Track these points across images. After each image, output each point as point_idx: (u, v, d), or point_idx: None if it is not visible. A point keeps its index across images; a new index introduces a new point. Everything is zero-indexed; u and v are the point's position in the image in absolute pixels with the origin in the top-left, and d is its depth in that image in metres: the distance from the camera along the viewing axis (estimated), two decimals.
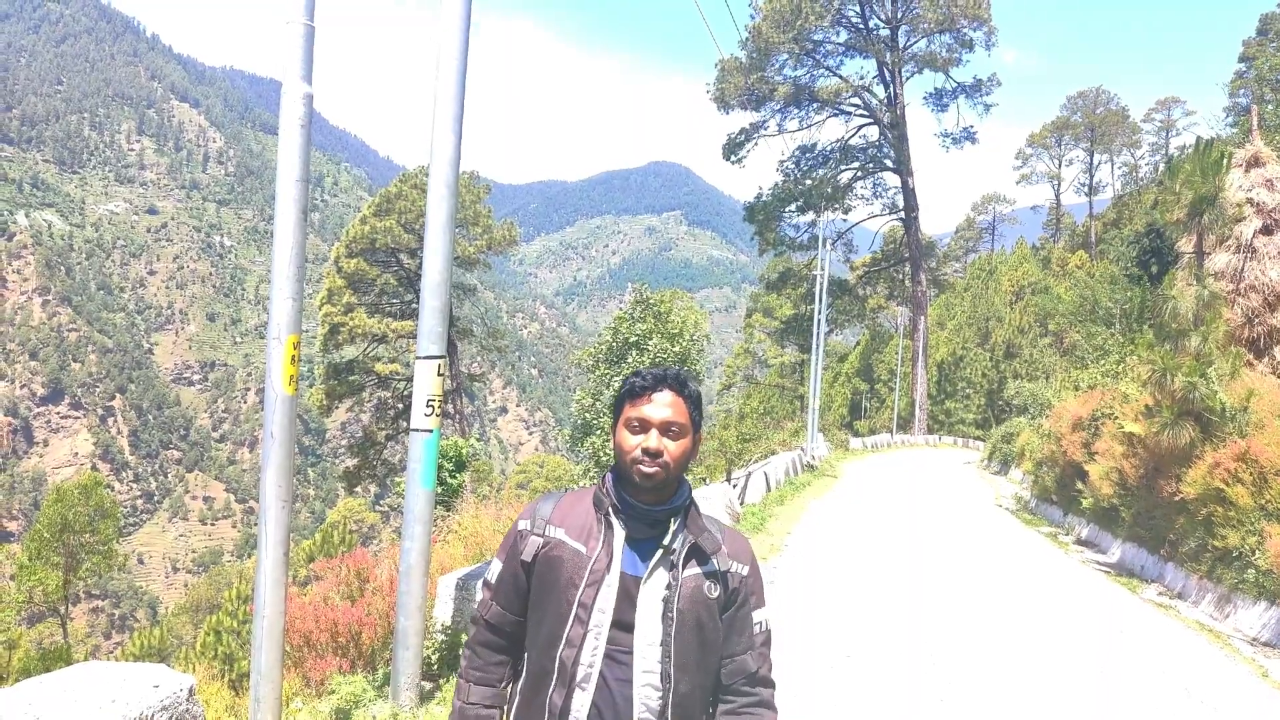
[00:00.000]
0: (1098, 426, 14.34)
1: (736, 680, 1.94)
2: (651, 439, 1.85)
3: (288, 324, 3.69)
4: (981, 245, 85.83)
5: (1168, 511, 10.72)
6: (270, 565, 3.65)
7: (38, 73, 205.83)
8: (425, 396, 4.55)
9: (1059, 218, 79.40)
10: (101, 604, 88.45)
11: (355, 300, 35.23)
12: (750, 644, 1.96)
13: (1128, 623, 8.63)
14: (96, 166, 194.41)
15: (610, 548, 1.85)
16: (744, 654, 1.95)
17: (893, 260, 61.78)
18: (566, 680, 1.80)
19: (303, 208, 3.63)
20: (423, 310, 4.41)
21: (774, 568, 10.53)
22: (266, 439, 3.69)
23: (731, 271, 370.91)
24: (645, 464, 1.84)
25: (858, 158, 54.87)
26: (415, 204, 34.67)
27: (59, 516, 19.79)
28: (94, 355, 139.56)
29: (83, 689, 2.73)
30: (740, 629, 1.94)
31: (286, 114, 3.58)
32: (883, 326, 70.17)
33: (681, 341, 22.59)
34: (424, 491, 4.66)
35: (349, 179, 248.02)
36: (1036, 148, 76.08)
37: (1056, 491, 17.01)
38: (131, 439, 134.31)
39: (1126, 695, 6.16)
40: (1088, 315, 32.95)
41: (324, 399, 37.09)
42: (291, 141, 3.56)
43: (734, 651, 1.93)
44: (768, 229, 54.06)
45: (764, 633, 2.00)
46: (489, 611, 1.98)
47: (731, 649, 1.93)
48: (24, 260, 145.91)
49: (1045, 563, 12.31)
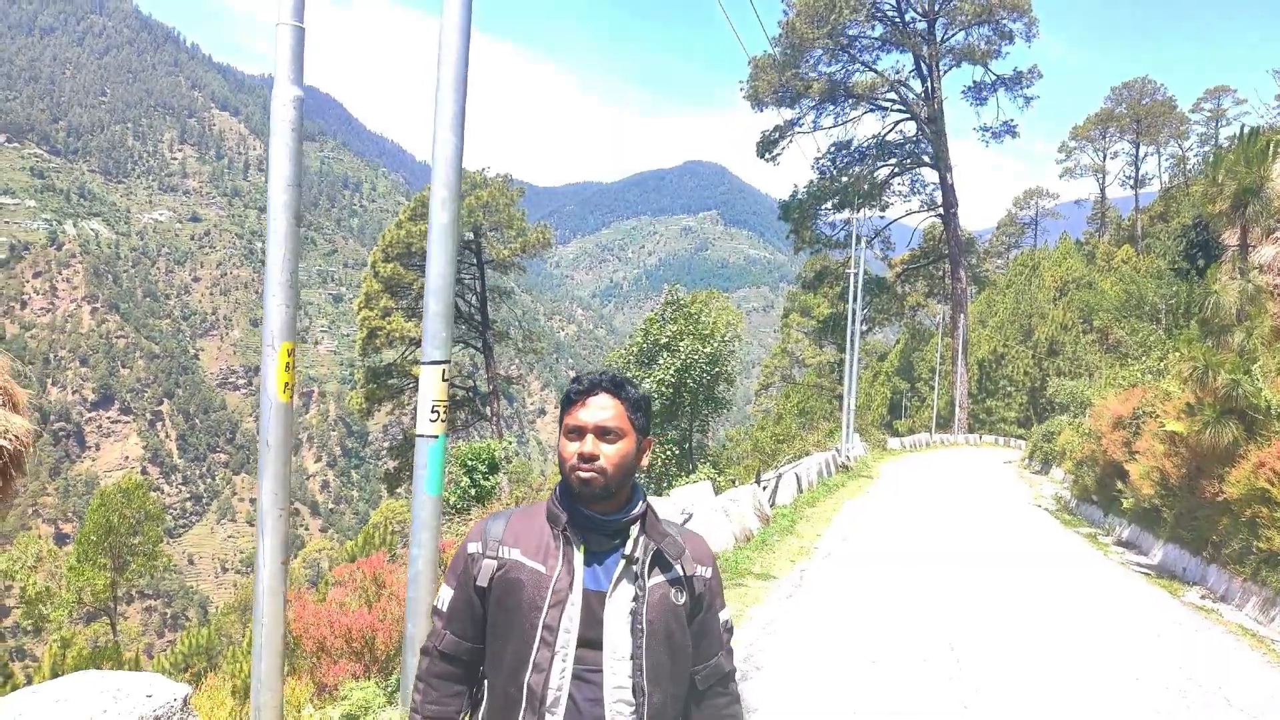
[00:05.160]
0: (1139, 425, 13.99)
1: (713, 683, 1.93)
2: (587, 444, 1.80)
3: (281, 331, 3.67)
4: (1024, 241, 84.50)
5: (1210, 512, 10.40)
6: (268, 575, 3.64)
7: (82, 84, 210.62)
8: (430, 402, 4.52)
9: (1104, 212, 77.81)
10: (154, 603, 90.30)
11: (392, 304, 35.62)
12: (720, 644, 1.95)
13: (1166, 626, 8.38)
14: (141, 176, 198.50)
15: (571, 564, 1.79)
16: (716, 656, 1.94)
17: (932, 257, 61.04)
18: (536, 706, 1.73)
19: (295, 213, 3.61)
20: (426, 315, 4.37)
21: (801, 571, 10.40)
22: (263, 448, 3.68)
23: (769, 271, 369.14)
24: (581, 470, 1.78)
25: (895, 154, 54.29)
26: None
27: (104, 519, 20.29)
28: (142, 361, 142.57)
29: (75, 699, 2.71)
30: (709, 632, 1.93)
31: (277, 117, 3.55)
32: (922, 324, 69.33)
33: (713, 342, 22.47)
34: (430, 498, 4.63)
35: (386, 184, 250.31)
36: (1080, 141, 74.62)
37: (1097, 491, 16.64)
38: (180, 443, 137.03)
39: (1162, 703, 5.96)
40: (1133, 311, 32.29)
41: (364, 402, 37.59)
42: (282, 145, 3.54)
43: (706, 656, 1.92)
44: (803, 227, 53.70)
45: (729, 631, 2.00)
46: (443, 641, 1.89)
47: (704, 653, 1.91)
48: (73, 269, 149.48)
49: (1083, 564, 12.02)
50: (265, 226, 3.61)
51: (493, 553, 1.84)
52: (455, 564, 1.91)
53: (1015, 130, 52.66)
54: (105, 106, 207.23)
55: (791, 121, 52.60)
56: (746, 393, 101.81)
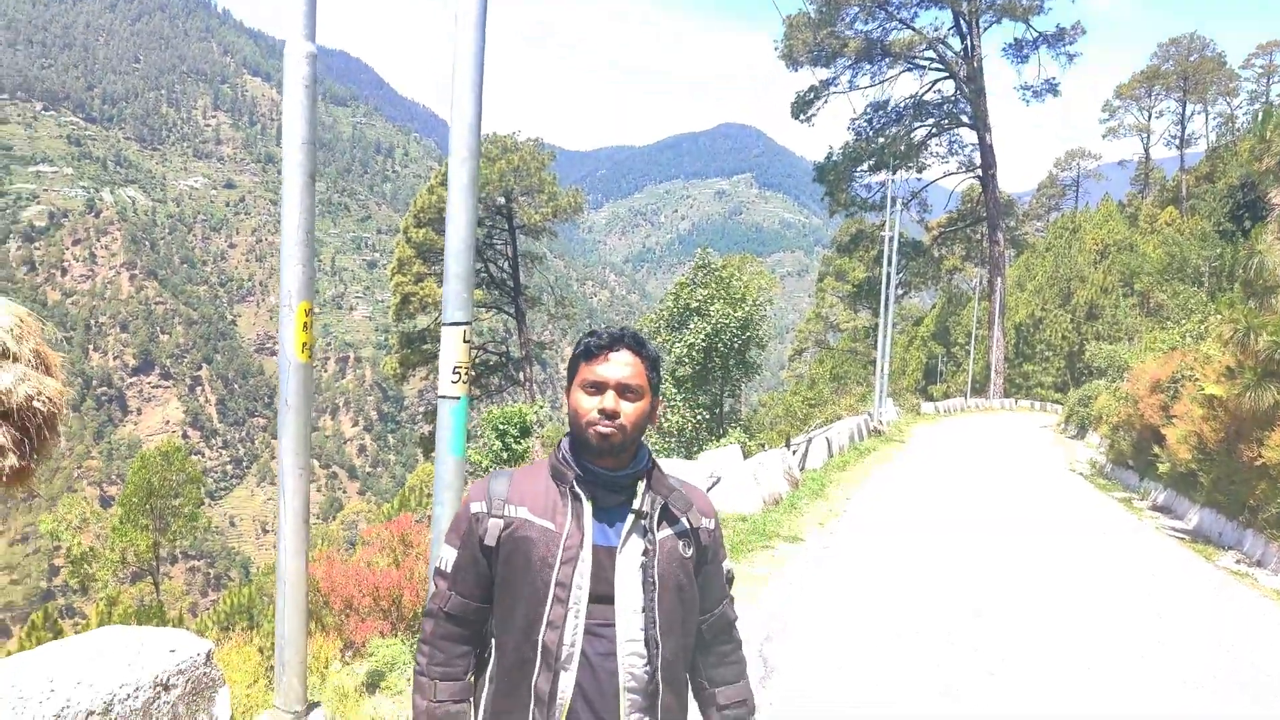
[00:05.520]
0: (1177, 389, 13.76)
1: (719, 631, 1.96)
2: (608, 400, 1.78)
3: (299, 290, 3.68)
4: (1064, 203, 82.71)
5: (1248, 477, 10.23)
6: (289, 533, 3.69)
7: (116, 51, 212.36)
8: (451, 363, 4.53)
9: (1147, 172, 75.88)
10: (198, 564, 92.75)
11: (425, 270, 35.79)
12: (724, 593, 1.98)
13: (1199, 591, 8.29)
14: (175, 143, 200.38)
15: (580, 520, 1.79)
16: (721, 605, 1.97)
17: (969, 220, 60.08)
18: (551, 663, 1.74)
19: (309, 172, 3.61)
20: (446, 276, 4.36)
21: (830, 534, 10.40)
22: (282, 408, 3.71)
23: (804, 235, 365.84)
24: (601, 425, 1.77)
25: (932, 114, 53.26)
26: (481, 172, 34.89)
27: (144, 482, 20.83)
28: (180, 327, 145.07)
29: (100, 654, 2.77)
30: (714, 582, 1.95)
31: (290, 75, 3.53)
32: (959, 289, 68.40)
33: (744, 307, 22.37)
34: (453, 459, 4.66)
35: (419, 149, 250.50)
36: (1125, 99, 72.59)
37: (1133, 456, 16.43)
38: (219, 407, 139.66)
39: (1190, 673, 5.91)
40: (1175, 274, 31.62)
41: (399, 367, 37.99)
42: (296, 103, 3.53)
43: (712, 605, 1.95)
44: (838, 189, 53.02)
45: (731, 580, 2.04)
46: (448, 603, 1.88)
47: (709, 602, 1.94)
48: (111, 236, 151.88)
49: (1115, 529, 11.90)
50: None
51: (499, 511, 1.83)
52: (458, 524, 1.89)
53: (1057, 89, 51.33)
54: (139, 73, 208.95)
55: (827, 81, 51.74)
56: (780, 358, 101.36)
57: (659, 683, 1.77)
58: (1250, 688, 5.55)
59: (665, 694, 1.79)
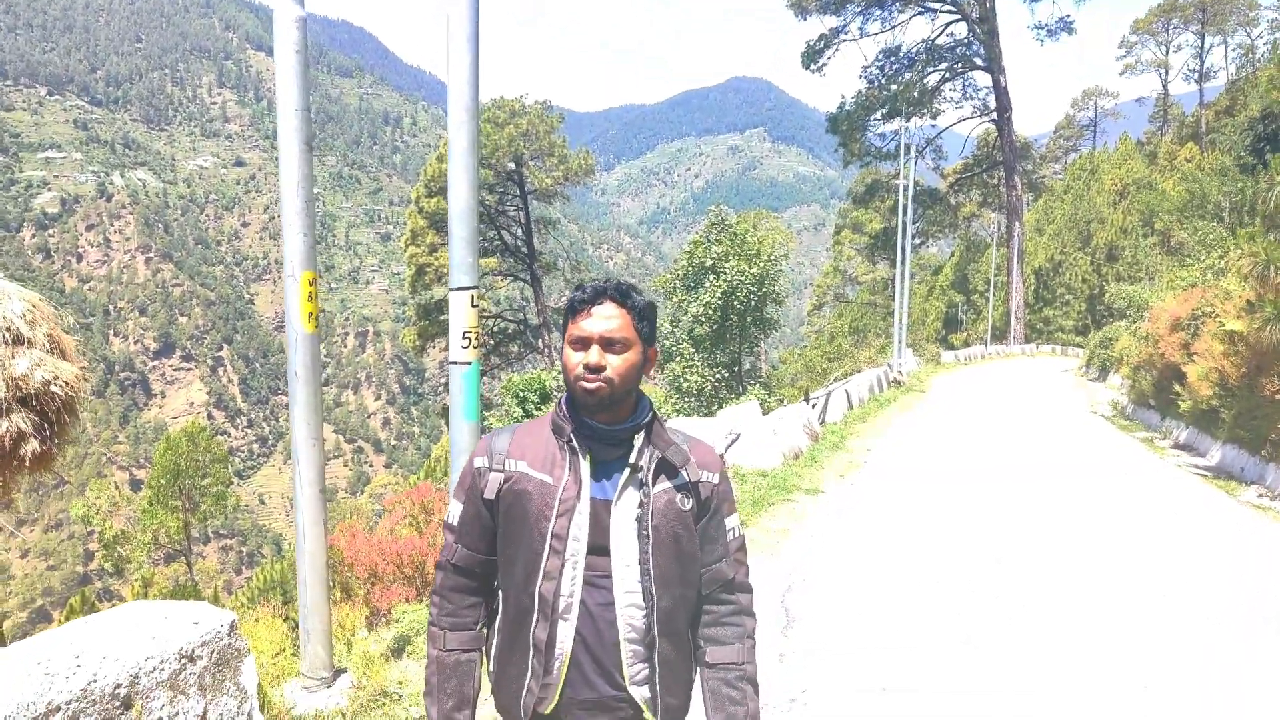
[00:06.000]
0: (1197, 326, 13.63)
1: (714, 589, 1.93)
2: (592, 354, 1.78)
3: (302, 260, 3.69)
4: (1082, 144, 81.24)
5: (1270, 411, 10.17)
6: (306, 503, 3.73)
7: (117, 31, 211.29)
8: (461, 329, 4.56)
9: (1166, 109, 74.28)
10: (230, 542, 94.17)
11: (438, 240, 35.69)
12: (725, 551, 1.94)
13: (1222, 527, 8.27)
14: (182, 122, 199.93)
15: (578, 474, 1.80)
16: (719, 562, 1.93)
17: (985, 165, 59.27)
18: (549, 613, 1.78)
19: (305, 138, 3.60)
20: (451, 241, 4.36)
21: (850, 484, 10.44)
22: (291, 379, 3.73)
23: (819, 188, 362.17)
24: (587, 380, 1.78)
25: (945, 58, 52.39)
26: (490, 138, 34.74)
27: (171, 463, 21.12)
28: (199, 308, 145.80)
29: (125, 629, 2.81)
30: (714, 538, 1.92)
31: (281, 40, 3.49)
32: (977, 235, 67.64)
33: (759, 262, 22.20)
34: (467, 424, 4.70)
35: (427, 118, 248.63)
36: (1142, 35, 70.87)
37: (1154, 395, 16.33)
38: (242, 387, 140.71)
39: (1212, 605, 5.92)
40: (1195, 211, 31.06)
41: (417, 339, 38.07)
42: (288, 69, 3.50)
43: (710, 560, 1.92)
44: (852, 139, 52.40)
45: (737, 539, 1.97)
46: (455, 555, 1.92)
47: (707, 558, 1.92)
48: (124, 220, 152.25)
49: (1137, 468, 11.87)
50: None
51: (499, 466, 1.85)
52: (463, 479, 1.93)
53: (1072, 26, 50.26)
54: (141, 53, 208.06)
55: (837, 29, 50.94)
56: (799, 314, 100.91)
57: (655, 634, 1.79)
58: (1275, 620, 5.56)
59: (663, 644, 1.81)
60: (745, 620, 1.95)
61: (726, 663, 1.92)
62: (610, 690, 1.80)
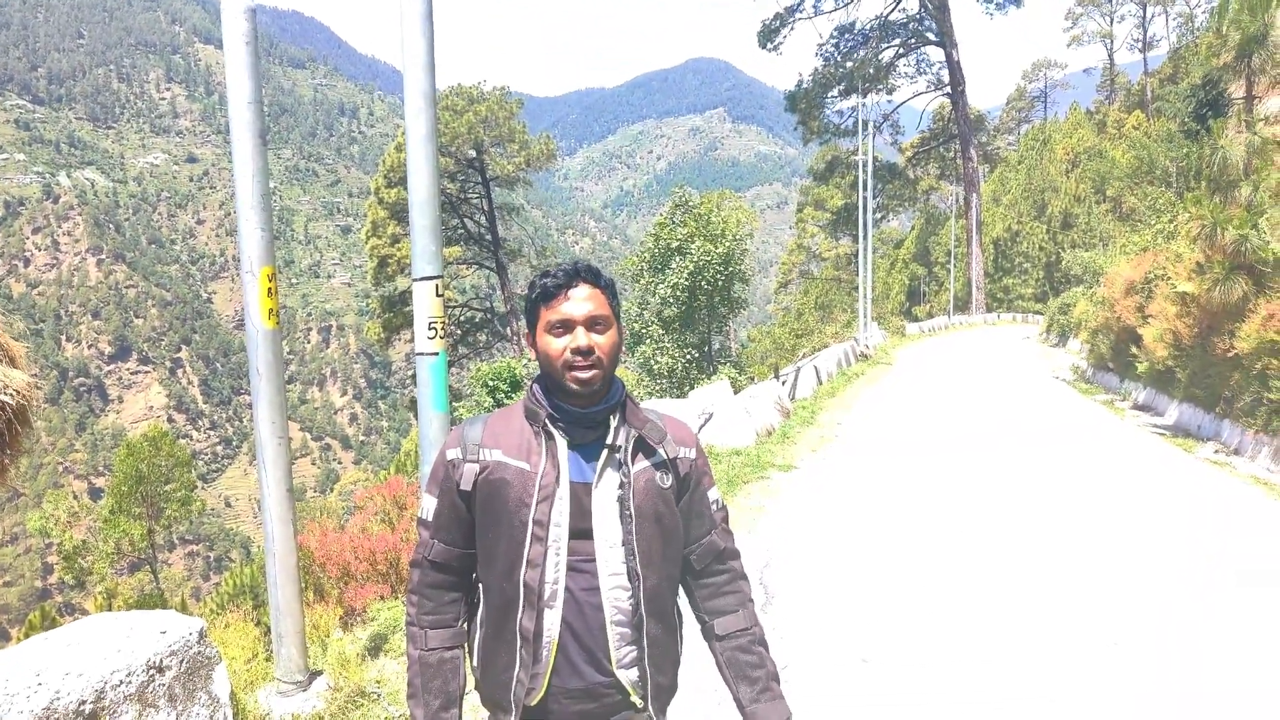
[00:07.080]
0: (1151, 289, 13.89)
1: (708, 561, 1.94)
2: (580, 337, 1.76)
3: (260, 256, 3.64)
4: (1034, 115, 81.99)
5: (1222, 369, 10.42)
6: (274, 503, 3.70)
7: (57, 27, 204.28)
8: (426, 319, 4.51)
9: (1113, 78, 75.16)
10: (196, 548, 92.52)
11: (400, 230, 35.31)
12: (713, 523, 1.94)
13: (1180, 482, 8.47)
14: (130, 119, 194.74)
15: (555, 459, 1.78)
16: (709, 535, 1.93)
17: (942, 138, 59.77)
18: (535, 602, 1.75)
19: (259, 132, 3.54)
20: (413, 230, 4.30)
21: (823, 459, 10.54)
22: (254, 377, 3.69)
23: (780, 166, 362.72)
24: (579, 366, 1.76)
25: (898, 33, 52.69)
26: (449, 126, 34.38)
27: (132, 469, 20.58)
28: (155, 309, 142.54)
29: (88, 642, 2.75)
30: (699, 512, 1.93)
31: (230, 32, 3.41)
32: (936, 208, 68.26)
33: (724, 242, 22.28)
34: (437, 416, 4.67)
35: (383, 107, 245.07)
36: (1086, 5, 71.49)
37: (1112, 359, 16.63)
38: (203, 388, 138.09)
39: (1174, 557, 6.07)
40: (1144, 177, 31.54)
41: (382, 332, 37.69)
42: (238, 62, 3.43)
43: (699, 535, 1.92)
44: (811, 117, 52.59)
45: (722, 509, 1.99)
46: (432, 551, 1.88)
47: (696, 533, 1.92)
48: (73, 221, 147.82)
49: (1098, 430, 12.10)
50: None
51: (474, 456, 1.83)
52: (435, 472, 1.90)
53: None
54: (84, 49, 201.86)
55: (792, 8, 50.98)
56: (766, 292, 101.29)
57: (643, 614, 1.78)
58: (1232, 569, 5.72)
59: (650, 624, 1.80)
60: (743, 585, 1.97)
61: (736, 630, 1.92)
62: (598, 676, 1.78)
